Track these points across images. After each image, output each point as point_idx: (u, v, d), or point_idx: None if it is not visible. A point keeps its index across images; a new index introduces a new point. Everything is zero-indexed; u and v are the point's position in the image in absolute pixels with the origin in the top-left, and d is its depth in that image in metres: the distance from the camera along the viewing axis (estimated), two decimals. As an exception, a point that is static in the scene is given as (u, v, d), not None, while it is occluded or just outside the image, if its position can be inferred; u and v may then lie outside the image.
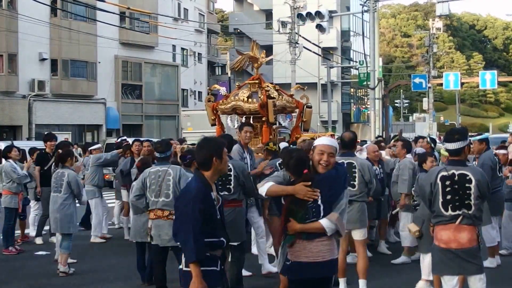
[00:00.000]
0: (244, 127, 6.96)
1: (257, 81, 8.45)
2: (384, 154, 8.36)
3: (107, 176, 16.07)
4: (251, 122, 8.21)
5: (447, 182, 4.44)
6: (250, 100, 8.25)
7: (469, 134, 7.00)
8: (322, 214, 3.78)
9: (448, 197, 4.43)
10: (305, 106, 8.55)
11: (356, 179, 6.00)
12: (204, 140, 3.75)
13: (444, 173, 4.47)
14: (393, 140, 10.46)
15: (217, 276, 3.60)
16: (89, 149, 10.60)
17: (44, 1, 21.87)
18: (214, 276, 3.57)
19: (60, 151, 7.83)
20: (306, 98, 8.72)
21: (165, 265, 6.03)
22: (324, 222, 3.79)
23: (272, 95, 8.17)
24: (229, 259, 5.79)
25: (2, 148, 9.81)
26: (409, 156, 7.78)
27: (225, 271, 3.86)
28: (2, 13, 25.24)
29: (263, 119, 8.16)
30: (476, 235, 4.46)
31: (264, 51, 8.96)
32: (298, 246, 3.78)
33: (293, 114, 9.71)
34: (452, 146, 4.53)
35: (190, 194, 3.58)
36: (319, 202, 3.79)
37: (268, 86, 8.35)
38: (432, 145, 9.28)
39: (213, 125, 8.83)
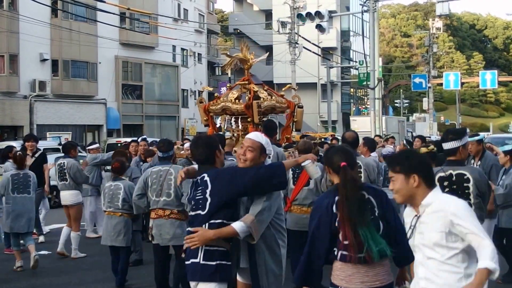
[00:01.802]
0: None
1: (246, 82, 8.46)
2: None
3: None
4: (239, 123, 8.24)
5: (445, 183, 4.44)
6: (237, 101, 8.26)
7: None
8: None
9: None
10: (296, 106, 8.51)
11: (362, 179, 5.85)
12: (198, 138, 3.95)
13: (442, 174, 4.47)
14: (383, 141, 10.40)
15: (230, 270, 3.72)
16: (87, 148, 10.67)
17: (44, 2, 21.93)
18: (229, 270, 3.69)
19: (19, 153, 7.93)
20: (298, 98, 8.71)
21: (165, 264, 6.05)
22: (237, 225, 3.59)
23: (261, 96, 8.16)
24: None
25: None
26: (373, 154, 7.48)
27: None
28: (3, 14, 25.31)
29: (249, 119, 8.15)
30: None
31: (253, 52, 8.90)
32: (350, 269, 3.17)
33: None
34: (447, 146, 4.55)
35: None
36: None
37: (253, 87, 8.33)
38: (408, 147, 9.24)
39: (206, 125, 8.83)
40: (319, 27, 22.28)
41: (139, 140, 10.06)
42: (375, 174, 6.10)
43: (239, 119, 8.26)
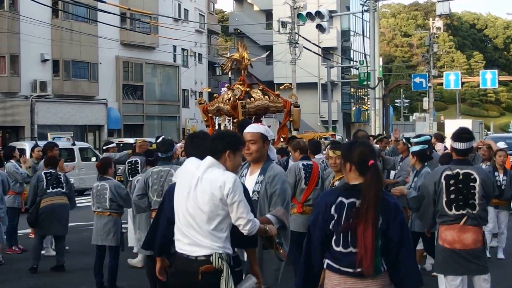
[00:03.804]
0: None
1: (241, 82, 8.43)
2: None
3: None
4: (231, 123, 8.23)
5: (451, 181, 4.40)
6: (227, 101, 8.24)
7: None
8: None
9: (452, 196, 4.39)
10: (292, 105, 8.44)
11: None
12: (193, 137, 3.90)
13: (449, 172, 4.42)
14: (375, 140, 9.97)
15: None
16: (105, 147, 10.77)
17: (45, 2, 21.96)
18: None
19: None
20: (295, 97, 8.65)
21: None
22: (271, 218, 3.67)
23: (253, 95, 8.12)
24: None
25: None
26: (318, 156, 7.18)
27: None
28: (4, 14, 25.34)
29: (235, 120, 8.14)
30: (481, 236, 4.42)
31: (247, 52, 8.84)
32: (337, 278, 2.97)
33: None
34: (463, 145, 4.46)
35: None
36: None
37: (238, 87, 8.31)
38: (409, 145, 9.01)
39: (207, 126, 8.83)
40: (319, 27, 22.32)
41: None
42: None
43: (231, 119, 8.27)
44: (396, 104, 64.17)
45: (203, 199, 3.11)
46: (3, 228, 8.39)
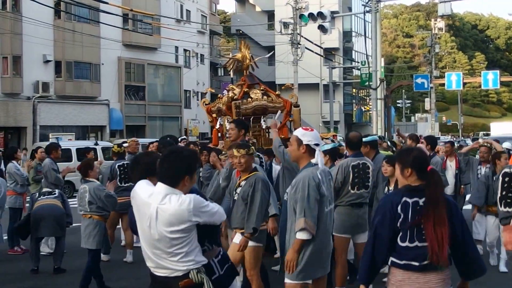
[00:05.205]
0: None
1: (242, 83, 8.44)
2: None
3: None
4: (228, 123, 8.25)
5: (506, 179, 4.54)
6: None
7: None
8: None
9: (504, 193, 4.54)
10: (292, 105, 8.43)
11: (370, 181, 5.70)
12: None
13: (507, 170, 4.58)
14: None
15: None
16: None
17: (47, 3, 22.02)
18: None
19: None
20: (295, 97, 8.65)
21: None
22: (300, 235, 3.84)
23: (252, 96, 8.12)
24: None
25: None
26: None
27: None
28: (7, 15, 25.42)
29: (230, 121, 8.15)
30: None
31: (248, 52, 8.84)
32: (401, 274, 3.22)
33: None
34: None
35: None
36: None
37: (233, 87, 8.32)
38: (394, 148, 8.89)
39: (212, 127, 8.85)
40: (321, 28, 22.35)
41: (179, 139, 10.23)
42: (376, 178, 6.09)
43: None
44: (398, 105, 64.16)
45: (167, 230, 3.05)
46: (4, 228, 8.45)
